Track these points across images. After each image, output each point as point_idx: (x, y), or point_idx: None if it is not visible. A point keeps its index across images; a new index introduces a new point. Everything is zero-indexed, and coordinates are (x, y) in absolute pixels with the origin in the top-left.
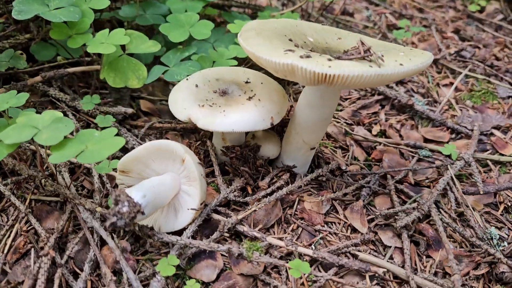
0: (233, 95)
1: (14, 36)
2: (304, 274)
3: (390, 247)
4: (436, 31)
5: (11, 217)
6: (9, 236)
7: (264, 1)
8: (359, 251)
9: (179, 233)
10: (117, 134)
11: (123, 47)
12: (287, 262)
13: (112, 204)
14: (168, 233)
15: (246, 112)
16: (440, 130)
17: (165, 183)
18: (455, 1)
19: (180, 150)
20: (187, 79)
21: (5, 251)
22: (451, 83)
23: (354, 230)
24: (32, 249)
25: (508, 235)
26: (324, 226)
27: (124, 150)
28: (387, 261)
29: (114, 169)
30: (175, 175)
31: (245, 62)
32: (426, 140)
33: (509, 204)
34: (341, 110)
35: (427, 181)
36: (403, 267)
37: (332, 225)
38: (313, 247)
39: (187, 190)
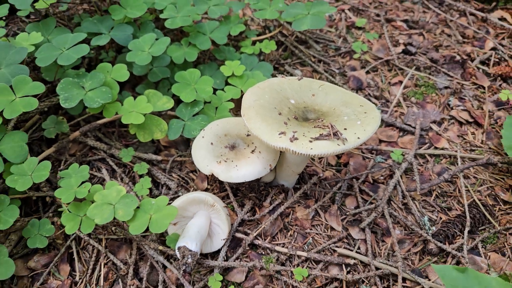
0: (240, 148)
1: (48, 97)
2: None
3: (358, 239)
4: (387, 23)
5: (92, 253)
6: (99, 269)
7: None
8: (337, 246)
9: (216, 252)
10: (151, 175)
11: None
12: (293, 267)
13: (180, 257)
14: (207, 254)
15: (252, 164)
16: (391, 130)
17: (204, 225)
18: None
19: (210, 200)
20: (202, 137)
21: (101, 282)
22: (400, 81)
23: (332, 228)
24: (119, 279)
25: (437, 217)
26: (312, 228)
27: (157, 184)
28: (356, 252)
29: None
30: (207, 213)
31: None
32: (381, 141)
33: (439, 192)
34: None
35: (382, 178)
36: (366, 254)
37: (317, 227)
38: (306, 247)
39: (216, 222)
